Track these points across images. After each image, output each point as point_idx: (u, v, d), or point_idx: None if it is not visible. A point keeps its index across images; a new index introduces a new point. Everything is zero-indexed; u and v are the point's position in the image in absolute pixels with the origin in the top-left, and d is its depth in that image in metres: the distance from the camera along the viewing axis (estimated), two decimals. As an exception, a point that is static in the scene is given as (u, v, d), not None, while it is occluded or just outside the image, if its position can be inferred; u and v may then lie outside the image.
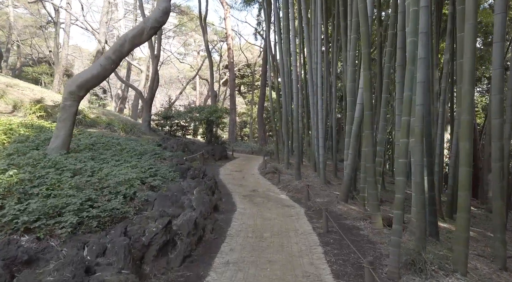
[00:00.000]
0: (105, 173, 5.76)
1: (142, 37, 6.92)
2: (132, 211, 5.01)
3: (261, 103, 24.98)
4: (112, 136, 11.43)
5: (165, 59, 37.82)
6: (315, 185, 10.83)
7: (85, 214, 4.02)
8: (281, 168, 14.15)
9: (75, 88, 6.74)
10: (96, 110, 20.38)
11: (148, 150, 9.66)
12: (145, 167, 7.42)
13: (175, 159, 9.57)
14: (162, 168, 8.17)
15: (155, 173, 7.37)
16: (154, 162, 8.55)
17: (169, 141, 15.40)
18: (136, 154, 8.88)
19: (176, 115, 16.24)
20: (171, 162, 9.23)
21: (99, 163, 6.84)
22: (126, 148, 9.29)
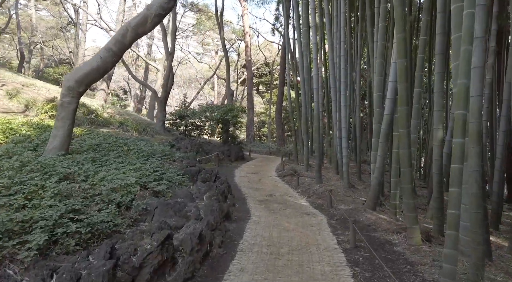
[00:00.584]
0: (100, 177, 5.09)
1: (145, 25, 6.25)
2: (126, 223, 4.29)
3: (279, 102, 24.10)
4: (122, 137, 10.89)
5: (183, 59, 37.49)
6: (338, 189, 9.88)
7: (60, 230, 3.32)
8: (300, 169, 13.24)
9: (73, 84, 6.15)
10: (112, 109, 20.10)
11: (158, 151, 9.02)
12: (150, 170, 6.74)
13: (185, 161, 8.87)
14: (169, 170, 7.48)
15: (160, 177, 6.68)
16: (161, 164, 7.88)
17: (183, 141, 14.79)
18: (143, 155, 8.23)
19: (191, 114, 15.63)
20: (180, 164, 8.53)
21: (98, 165, 6.21)
22: (133, 148, 8.67)
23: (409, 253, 5.21)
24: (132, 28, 6.17)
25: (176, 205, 5.34)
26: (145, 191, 5.74)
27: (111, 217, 3.99)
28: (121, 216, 4.34)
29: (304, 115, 12.56)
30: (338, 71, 10.89)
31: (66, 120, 6.30)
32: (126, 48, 6.42)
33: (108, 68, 6.27)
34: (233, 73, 46.80)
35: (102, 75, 6.36)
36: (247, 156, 19.01)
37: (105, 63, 6.13)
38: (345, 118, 10.02)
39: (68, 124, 6.34)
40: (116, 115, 18.17)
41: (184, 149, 14.10)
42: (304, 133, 12.84)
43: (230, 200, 8.11)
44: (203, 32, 41.37)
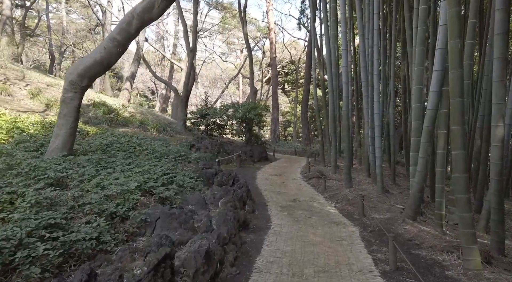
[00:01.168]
0: (95, 182, 4.44)
1: (152, 11, 5.58)
2: (120, 238, 3.58)
3: (305, 100, 23.07)
4: (138, 136, 10.38)
5: (207, 58, 37.22)
6: (371, 194, 8.83)
7: (20, 255, 2.64)
8: (327, 171, 12.24)
9: (76, 78, 5.60)
10: (134, 109, 19.91)
11: (172, 151, 8.39)
12: (160, 173, 6.08)
13: (201, 162, 8.17)
14: (182, 173, 6.79)
15: (170, 180, 5.99)
16: (174, 165, 7.22)
17: (203, 141, 14.17)
18: (156, 156, 7.62)
19: (212, 113, 15.01)
20: (196, 166, 7.85)
21: (102, 168, 5.62)
22: (147, 149, 8.08)
23: (467, 280, 4.18)
24: (138, 14, 5.53)
25: (182, 215, 4.59)
26: (150, 197, 5.06)
27: (97, 232, 3.31)
28: (113, 229, 3.65)
29: (332, 113, 11.57)
30: (370, 63, 9.83)
31: (69, 118, 5.78)
32: (132, 37, 5.79)
33: (113, 60, 5.66)
34: (258, 72, 46.10)
35: (106, 68, 5.76)
36: (271, 157, 18.17)
37: (110, 55, 5.53)
38: (379, 115, 8.95)
39: (71, 122, 5.80)
40: (137, 115, 17.90)
41: (204, 149, 13.48)
42: (332, 133, 11.85)
43: (249, 206, 7.33)
44: (227, 31, 40.91)
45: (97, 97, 16.42)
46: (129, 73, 21.73)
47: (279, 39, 44.18)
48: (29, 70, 20.62)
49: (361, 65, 10.07)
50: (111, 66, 5.93)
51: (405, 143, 13.94)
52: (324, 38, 13.40)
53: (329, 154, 13.99)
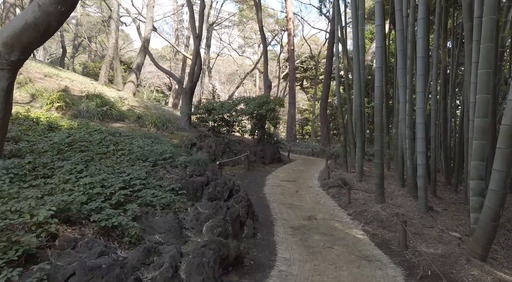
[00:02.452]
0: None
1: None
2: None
3: (324, 96, 20.97)
4: (123, 133, 8.71)
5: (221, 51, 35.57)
6: (410, 212, 6.80)
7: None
8: (350, 179, 10.24)
9: (1, 48, 3.95)
10: (138, 103, 18.42)
11: (156, 152, 6.64)
12: (120, 184, 4.32)
13: (191, 167, 6.37)
14: (157, 183, 5.01)
15: (135, 195, 4.21)
16: (149, 172, 5.45)
17: (207, 139, 12.42)
18: (131, 159, 5.88)
19: (219, 108, 13.25)
20: (182, 172, 6.04)
21: (32, 178, 3.91)
22: (123, 149, 6.36)
23: None
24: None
25: (116, 269, 2.74)
26: (86, 226, 3.29)
27: None
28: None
29: (358, 107, 9.56)
30: (411, 45, 7.77)
31: (-5, 106, 4.16)
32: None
33: (53, 23, 3.92)
34: (276, 68, 44.14)
35: (44, 34, 4.04)
36: (285, 158, 16.25)
37: (47, 15, 3.82)
38: (423, 111, 6.88)
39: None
40: (140, 109, 16.37)
41: (207, 149, 11.73)
42: (358, 132, 9.83)
43: (248, 228, 5.49)
44: (244, 24, 39.02)
45: (93, 88, 14.95)
46: (135, 64, 20.29)
47: (298, 33, 42.09)
48: (30, 60, 19.44)
49: (398, 48, 8.01)
50: (52, 33, 4.21)
51: (444, 145, 11.74)
52: (351, 10, 11.41)
53: (352, 157, 11.96)
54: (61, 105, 11.37)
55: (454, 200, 9.38)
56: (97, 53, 43.13)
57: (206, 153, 11.52)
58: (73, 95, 12.84)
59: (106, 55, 21.55)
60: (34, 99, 11.66)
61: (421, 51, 6.86)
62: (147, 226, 3.92)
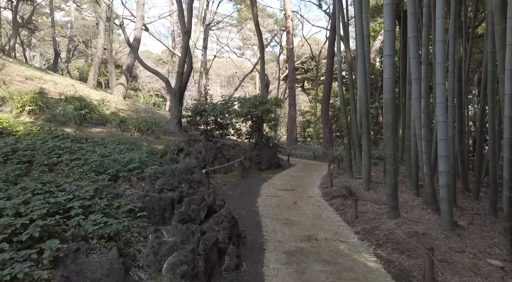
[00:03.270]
0: None
1: None
2: None
3: (326, 96, 19.78)
4: (92, 139, 7.57)
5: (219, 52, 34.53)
6: (432, 231, 5.58)
7: None
8: (356, 186, 9.04)
9: None
10: (127, 106, 17.32)
11: (121, 162, 5.48)
12: (45, 209, 3.16)
13: (162, 179, 5.20)
14: (106, 203, 3.84)
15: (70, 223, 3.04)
16: (100, 189, 4.29)
17: (197, 143, 11.27)
18: (85, 171, 4.73)
19: (210, 109, 12.11)
20: (150, 186, 4.87)
21: None
22: (79, 158, 5.21)
23: None
24: None
25: None
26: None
27: None
28: None
29: (364, 104, 8.38)
30: (426, 30, 6.60)
31: None
32: None
33: None
34: (275, 69, 43.00)
35: None
36: (285, 163, 15.07)
37: None
38: (444, 106, 5.68)
39: None
40: (127, 112, 15.28)
41: (195, 155, 10.58)
42: (364, 133, 8.64)
43: (230, 257, 4.31)
44: (242, 23, 37.89)
45: (79, 91, 13.85)
46: (125, 66, 19.24)
47: (298, 32, 40.98)
48: (13, 63, 18.44)
49: (409, 35, 6.83)
50: None
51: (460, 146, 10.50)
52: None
53: (357, 161, 10.76)
54: (33, 109, 10.28)
55: (477, 210, 8.15)
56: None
57: (194, 160, 10.38)
58: (50, 98, 11.75)
59: (94, 57, 20.50)
60: (4, 102, 10.58)
61: (440, 34, 5.68)
62: (74, 272, 2.76)
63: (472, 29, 13.11)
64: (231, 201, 7.85)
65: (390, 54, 6.10)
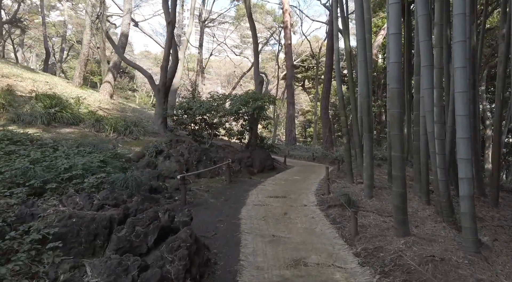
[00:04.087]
0: None
1: None
2: None
3: (326, 93, 18.61)
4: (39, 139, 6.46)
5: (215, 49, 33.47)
6: (452, 254, 4.42)
7: None
8: (356, 193, 7.90)
9: None
10: (112, 105, 16.25)
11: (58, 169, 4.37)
12: None
13: (104, 192, 4.07)
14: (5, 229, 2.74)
15: None
16: (20, 206, 3.18)
17: (180, 145, 10.16)
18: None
19: (196, 107, 10.99)
20: (85, 201, 3.74)
21: None
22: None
23: None
24: None
25: None
26: None
27: None
28: None
29: (365, 99, 7.26)
30: (440, 5, 5.45)
31: None
32: None
33: None
34: (275, 67, 41.81)
35: None
36: (280, 165, 13.94)
37: None
38: (465, 96, 4.52)
39: None
40: (111, 112, 14.21)
41: (177, 157, 9.46)
42: (365, 132, 7.50)
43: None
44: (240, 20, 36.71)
45: (45, 88, 12.76)
46: (111, 63, 18.17)
47: (297, 29, 39.81)
48: None
49: (419, 13, 5.66)
50: None
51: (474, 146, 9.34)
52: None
53: (358, 164, 9.62)
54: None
55: (499, 221, 6.98)
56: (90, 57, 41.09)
57: (175, 163, 9.28)
58: (19, 96, 10.68)
59: (80, 54, 19.45)
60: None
61: (461, 7, 4.53)
62: None
63: (484, 16, 11.94)
64: (209, 212, 6.74)
65: (396, 32, 4.95)
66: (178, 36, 32.55)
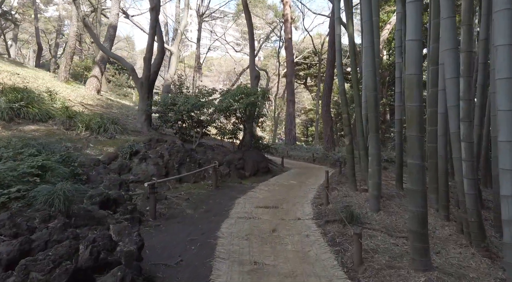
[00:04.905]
0: None
1: None
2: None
3: (327, 89, 17.38)
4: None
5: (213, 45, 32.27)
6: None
7: None
8: (360, 204, 6.70)
9: None
10: (97, 100, 15.12)
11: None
12: None
13: (3, 215, 2.91)
14: None
15: None
16: None
17: (160, 145, 9.00)
18: None
19: (181, 102, 9.84)
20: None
21: None
22: None
23: None
24: None
25: None
26: None
27: None
28: None
29: (372, 92, 6.07)
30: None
31: None
32: None
33: None
34: (276, 64, 40.54)
35: None
36: (277, 166, 12.77)
37: None
38: (510, 84, 3.33)
39: None
40: (95, 108, 13.08)
41: (155, 159, 8.30)
42: (372, 132, 6.31)
43: None
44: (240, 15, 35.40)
45: (12, 80, 11.62)
46: (98, 56, 17.04)
47: (299, 25, 38.51)
48: None
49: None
50: None
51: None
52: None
53: (362, 168, 8.43)
54: None
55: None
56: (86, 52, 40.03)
57: (153, 166, 8.13)
58: (-18, 90, 9.55)
59: (66, 46, 18.32)
60: None
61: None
62: None
63: None
64: (183, 227, 5.58)
65: (417, 8, 3.75)
66: (175, 30, 31.31)
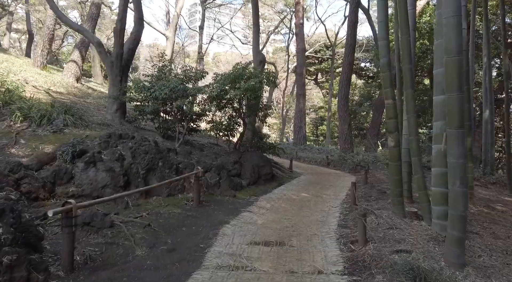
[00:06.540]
0: None
1: None
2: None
3: (345, 80, 14.70)
4: None
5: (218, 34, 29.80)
6: None
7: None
8: (424, 248, 4.08)
9: None
10: (71, 88, 12.76)
11: None
12: None
13: None
14: None
15: None
16: None
17: (122, 143, 6.48)
18: None
19: (158, 87, 7.35)
20: None
21: None
22: None
23: None
24: None
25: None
26: None
27: None
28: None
29: (456, 54, 3.38)
30: None
31: None
32: None
33: None
34: (285, 57, 37.86)
35: None
36: (284, 171, 10.21)
37: None
38: None
39: None
40: (63, 96, 10.72)
41: (111, 163, 5.79)
42: (454, 127, 3.67)
43: None
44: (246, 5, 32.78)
45: None
46: (79, 39, 14.70)
47: (311, 15, 35.69)
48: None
49: None
50: None
51: None
52: None
53: (417, 184, 5.86)
54: None
55: None
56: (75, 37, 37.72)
57: (104, 173, 5.64)
58: None
59: (43, 28, 15.99)
60: None
61: None
62: None
63: None
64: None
65: None
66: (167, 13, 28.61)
